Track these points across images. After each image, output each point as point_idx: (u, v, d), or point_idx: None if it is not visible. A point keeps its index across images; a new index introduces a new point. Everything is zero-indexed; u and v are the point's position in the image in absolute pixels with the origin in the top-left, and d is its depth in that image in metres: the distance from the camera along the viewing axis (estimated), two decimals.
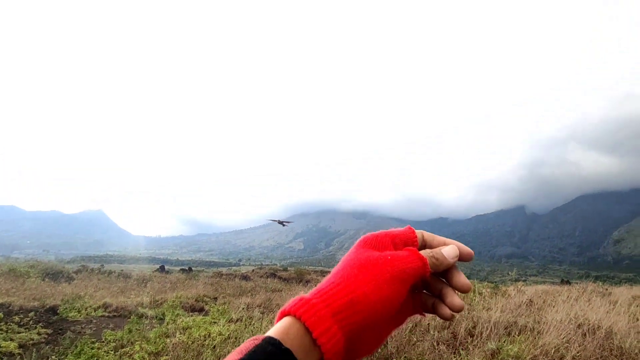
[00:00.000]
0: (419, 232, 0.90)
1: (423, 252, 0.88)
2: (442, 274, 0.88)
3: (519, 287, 8.91)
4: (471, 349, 4.48)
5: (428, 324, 5.14)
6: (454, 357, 4.31)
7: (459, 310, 0.86)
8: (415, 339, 4.55)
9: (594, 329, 4.90)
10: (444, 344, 4.66)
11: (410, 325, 4.96)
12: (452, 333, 4.97)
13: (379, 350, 4.11)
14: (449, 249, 0.88)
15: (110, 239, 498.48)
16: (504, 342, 4.61)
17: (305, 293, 0.86)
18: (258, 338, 0.92)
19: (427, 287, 0.88)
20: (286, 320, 0.89)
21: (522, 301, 6.53)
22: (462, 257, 0.88)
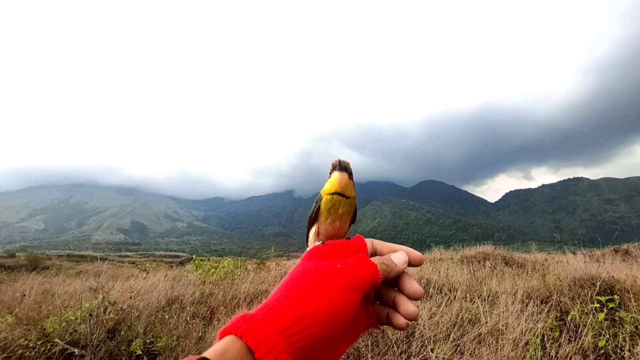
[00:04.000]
0: (368, 241, 0.87)
1: (373, 259, 0.85)
2: (394, 281, 0.86)
3: (280, 262, 9.93)
4: (223, 318, 4.68)
5: (180, 300, 5.28)
6: (208, 328, 4.32)
7: (413, 318, 0.85)
8: (168, 316, 4.38)
9: None
10: (199, 317, 4.72)
11: (164, 303, 4.85)
12: (208, 307, 5.16)
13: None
14: (399, 255, 0.86)
15: None
16: (253, 308, 5.57)
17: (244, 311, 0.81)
18: (191, 359, 0.84)
19: (380, 298, 0.86)
20: (226, 339, 0.81)
21: (279, 274, 7.43)
22: (411, 263, 0.87)
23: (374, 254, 0.87)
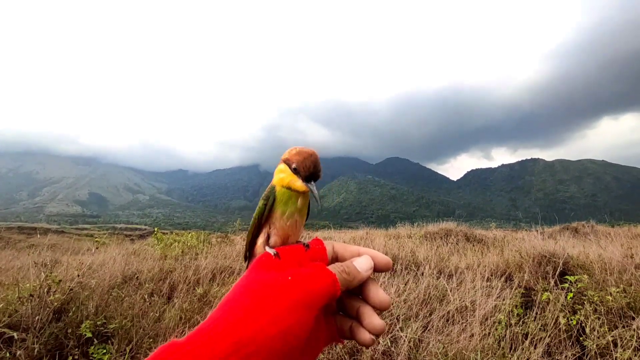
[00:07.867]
0: (328, 244, 0.76)
1: (332, 267, 0.70)
2: (358, 289, 0.73)
3: (244, 236, 9.71)
4: (183, 296, 4.55)
5: (137, 277, 5.08)
6: (166, 306, 4.21)
7: (379, 332, 0.71)
8: (124, 294, 4.20)
9: None
10: (157, 294, 4.56)
11: (120, 280, 4.70)
12: (168, 283, 5.01)
13: None
14: (362, 261, 0.73)
15: None
16: (215, 285, 4.88)
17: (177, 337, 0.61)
18: None
19: (343, 308, 0.75)
20: None
21: (243, 248, 8.96)
22: (378, 268, 0.75)
23: (335, 259, 0.75)
